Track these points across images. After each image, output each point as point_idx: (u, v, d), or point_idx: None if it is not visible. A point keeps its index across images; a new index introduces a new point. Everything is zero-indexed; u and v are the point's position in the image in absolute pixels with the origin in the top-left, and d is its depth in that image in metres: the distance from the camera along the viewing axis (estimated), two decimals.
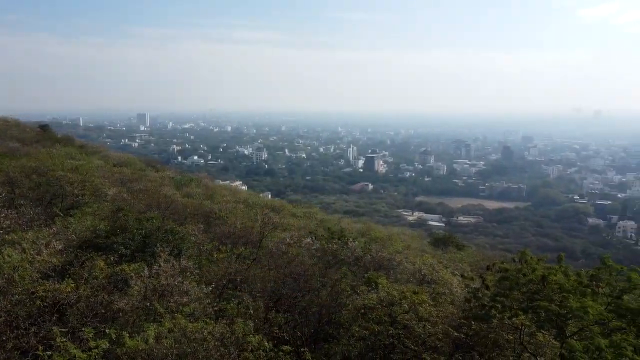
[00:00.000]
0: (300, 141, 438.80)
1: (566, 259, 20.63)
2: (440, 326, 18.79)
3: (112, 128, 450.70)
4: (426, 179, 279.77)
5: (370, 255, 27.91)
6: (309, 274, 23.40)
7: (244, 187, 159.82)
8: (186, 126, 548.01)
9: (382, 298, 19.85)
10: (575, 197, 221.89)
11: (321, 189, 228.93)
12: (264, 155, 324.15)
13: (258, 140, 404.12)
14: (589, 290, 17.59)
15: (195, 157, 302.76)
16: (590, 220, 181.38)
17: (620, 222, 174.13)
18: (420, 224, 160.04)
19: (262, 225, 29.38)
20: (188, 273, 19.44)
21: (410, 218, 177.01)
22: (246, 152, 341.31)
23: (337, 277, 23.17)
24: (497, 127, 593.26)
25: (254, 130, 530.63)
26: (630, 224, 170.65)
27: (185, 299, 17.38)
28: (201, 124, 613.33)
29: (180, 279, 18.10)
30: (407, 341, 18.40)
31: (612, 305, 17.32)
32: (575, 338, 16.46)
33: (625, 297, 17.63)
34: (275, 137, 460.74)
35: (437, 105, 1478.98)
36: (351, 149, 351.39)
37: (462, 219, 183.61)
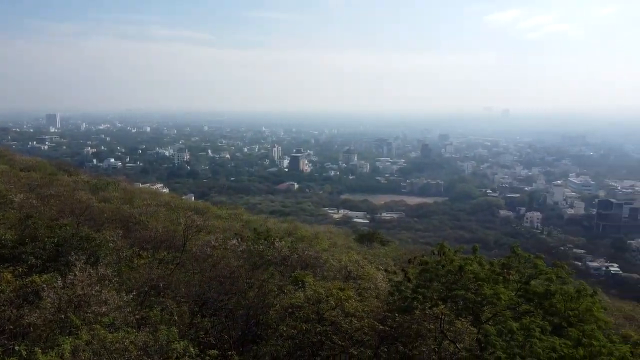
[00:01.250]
0: (224, 141, 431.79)
1: (480, 250, 21.87)
2: (366, 320, 19.28)
3: (17, 130, 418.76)
4: (350, 177, 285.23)
5: (297, 254, 28.05)
6: (235, 276, 23.12)
7: (166, 190, 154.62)
8: (101, 127, 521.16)
9: (309, 296, 20.03)
10: (488, 191, 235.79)
11: (246, 190, 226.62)
12: (186, 156, 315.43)
13: (179, 141, 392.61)
14: (501, 278, 18.84)
15: (112, 160, 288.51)
16: (502, 213, 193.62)
17: (528, 213, 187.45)
18: (345, 221, 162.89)
19: (186, 228, 28.66)
20: (107, 281, 18.58)
21: (336, 216, 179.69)
22: (167, 153, 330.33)
23: (264, 278, 23.08)
24: (416, 126, 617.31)
25: (175, 131, 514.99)
26: (536, 214, 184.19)
27: (104, 309, 16.58)
28: (118, 124, 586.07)
29: (98, 288, 17.25)
30: (334, 337, 18.71)
31: (522, 290, 18.66)
32: (490, 323, 17.51)
33: (532, 282, 19.05)
34: (197, 138, 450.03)
35: (359, 104, 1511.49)
36: (276, 149, 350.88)
37: (386, 215, 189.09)
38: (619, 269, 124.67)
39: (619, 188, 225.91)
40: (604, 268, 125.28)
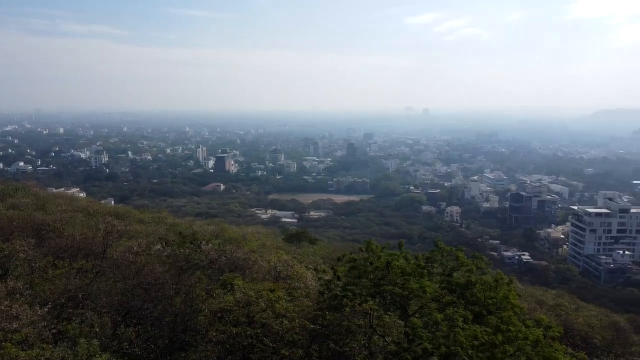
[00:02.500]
0: (145, 142, 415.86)
1: (405, 244, 22.56)
2: (297, 320, 19.29)
3: None
4: (278, 177, 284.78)
5: (225, 256, 27.52)
6: (160, 282, 22.28)
7: (83, 195, 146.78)
8: (8, 128, 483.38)
9: (238, 299, 19.71)
10: (411, 188, 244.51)
11: (170, 192, 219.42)
12: (105, 158, 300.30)
13: (97, 143, 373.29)
14: (426, 271, 19.56)
15: (22, 164, 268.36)
16: (424, 208, 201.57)
17: (448, 208, 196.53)
18: (274, 221, 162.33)
19: (105, 234, 27.21)
20: (17, 295, 17.21)
21: (264, 216, 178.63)
22: (83, 155, 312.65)
23: (191, 283, 22.43)
24: (341, 125, 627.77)
25: (92, 132, 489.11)
26: (456, 209, 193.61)
27: (15, 325, 15.34)
28: (27, 125, 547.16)
29: (7, 302, 15.93)
30: (265, 339, 18.55)
31: (445, 282, 19.47)
32: (416, 316, 18.13)
33: (454, 274, 19.94)
34: (116, 139, 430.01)
35: (284, 104, 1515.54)
36: (200, 149, 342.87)
37: (314, 213, 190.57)
38: (529, 257, 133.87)
39: (528, 182, 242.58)
40: (516, 257, 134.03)
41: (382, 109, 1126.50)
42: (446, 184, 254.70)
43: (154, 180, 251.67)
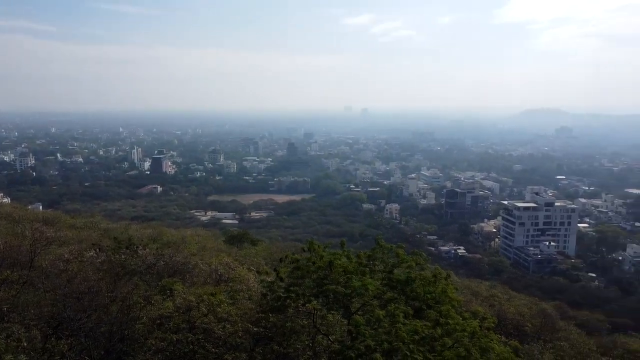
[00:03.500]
0: (76, 144, 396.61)
1: (347, 243, 22.81)
2: (240, 324, 18.99)
3: None
4: (217, 178, 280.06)
5: (163, 261, 26.70)
6: (94, 290, 21.26)
7: (7, 200, 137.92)
8: None
9: (178, 305, 19.16)
10: (351, 187, 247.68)
11: (104, 195, 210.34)
12: (31, 161, 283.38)
13: (22, 145, 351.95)
14: (368, 269, 19.86)
15: None
16: (365, 206, 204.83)
17: (387, 205, 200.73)
18: (214, 223, 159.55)
19: (33, 242, 25.61)
20: None
21: (204, 218, 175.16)
22: (7, 158, 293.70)
23: (127, 290, 21.57)
24: (281, 125, 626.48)
25: (16, 133, 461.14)
26: (395, 206, 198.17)
27: None
28: None
29: None
30: (207, 345, 18.12)
31: (386, 279, 19.84)
32: (359, 313, 18.35)
33: (395, 271, 20.36)
34: (43, 140, 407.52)
35: (223, 104, 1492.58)
36: (136, 151, 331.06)
37: (255, 214, 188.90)
38: (465, 251, 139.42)
39: (462, 179, 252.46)
40: (453, 251, 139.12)
41: (322, 109, 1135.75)
42: (385, 182, 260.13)
43: (86, 184, 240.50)
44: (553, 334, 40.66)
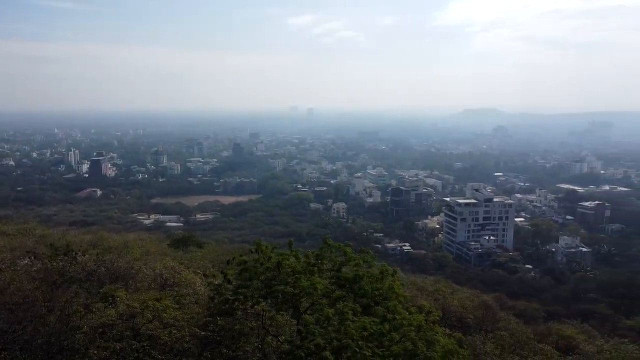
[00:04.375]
0: (6, 146, 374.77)
1: (295, 243, 22.84)
2: (187, 329, 18.59)
3: None
4: (161, 180, 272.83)
5: (104, 267, 25.73)
6: (30, 300, 20.19)
7: None
8: None
9: (121, 312, 18.51)
10: (298, 186, 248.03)
11: (39, 200, 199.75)
12: None
13: None
14: (316, 268, 19.94)
15: None
16: (312, 206, 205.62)
17: (334, 204, 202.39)
18: (158, 226, 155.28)
19: None
20: None
21: (147, 221, 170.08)
22: None
23: (66, 298, 20.60)
24: (226, 125, 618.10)
25: None
26: (342, 205, 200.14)
27: None
28: None
29: None
30: (153, 352, 17.62)
31: (334, 278, 20.02)
32: (308, 313, 18.40)
33: (343, 269, 20.57)
34: None
35: (164, 103, 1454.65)
36: (73, 153, 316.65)
37: (200, 216, 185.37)
38: (410, 247, 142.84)
39: (406, 177, 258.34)
40: (398, 248, 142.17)
41: (268, 109, 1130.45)
42: (332, 182, 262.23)
43: (19, 188, 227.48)
44: (494, 324, 42.37)
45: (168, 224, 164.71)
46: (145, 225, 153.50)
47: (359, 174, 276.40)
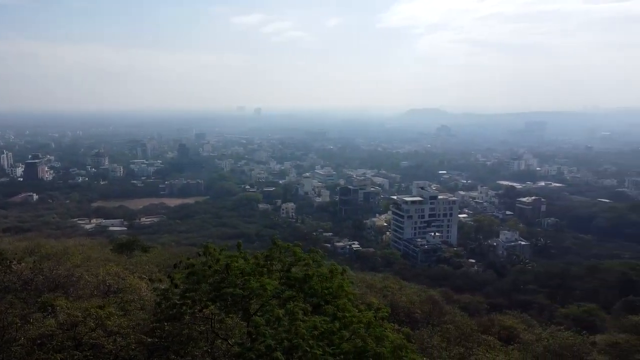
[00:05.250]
0: None
1: (244, 244, 22.61)
2: (133, 336, 18.05)
3: None
4: (102, 183, 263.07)
5: (42, 275, 24.54)
6: None
7: None
8: None
9: (62, 321, 17.72)
10: (246, 187, 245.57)
11: None
12: None
13: None
14: (265, 269, 19.86)
15: None
16: (261, 206, 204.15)
17: (283, 204, 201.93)
18: (100, 231, 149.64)
19: None
20: None
21: (88, 226, 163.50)
22: None
23: (1, 310, 19.48)
24: (172, 126, 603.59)
25: None
26: (291, 205, 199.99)
27: None
28: None
29: None
30: None
31: (284, 278, 20.00)
32: (258, 314, 18.28)
33: (293, 269, 20.58)
34: None
35: (104, 103, 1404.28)
36: (5, 155, 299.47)
37: (145, 219, 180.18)
38: (359, 246, 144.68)
39: (354, 176, 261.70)
40: (348, 247, 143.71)
41: (214, 109, 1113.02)
42: (281, 182, 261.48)
43: None
44: (440, 318, 43.70)
45: (111, 228, 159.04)
46: (86, 230, 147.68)
47: (307, 174, 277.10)
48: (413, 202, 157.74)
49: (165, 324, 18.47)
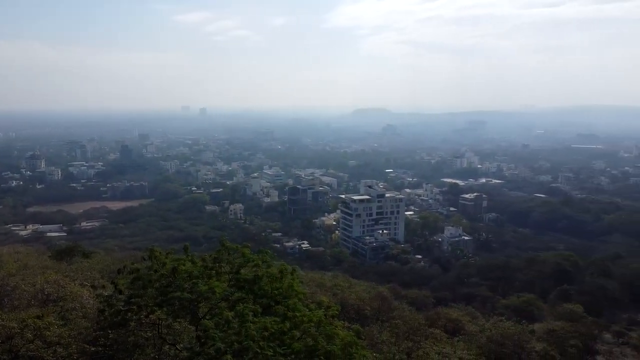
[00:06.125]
0: None
1: (192, 247, 22.23)
2: (75, 345, 17.32)
3: None
4: (39, 187, 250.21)
5: None
6: None
7: None
8: None
9: None
10: (193, 189, 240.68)
11: None
12: None
13: None
14: (214, 272, 19.57)
15: None
16: (208, 208, 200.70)
17: (231, 206, 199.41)
18: (37, 237, 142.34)
19: None
20: None
21: (24, 233, 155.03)
22: None
23: None
24: (113, 127, 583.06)
25: None
26: (239, 206, 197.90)
27: None
28: None
29: None
30: None
31: (233, 280, 19.78)
32: (207, 317, 17.98)
33: (242, 271, 20.39)
34: None
35: (39, 104, 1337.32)
36: None
37: (86, 224, 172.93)
38: (308, 245, 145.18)
39: (302, 176, 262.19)
40: (297, 246, 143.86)
41: (158, 109, 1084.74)
42: (228, 183, 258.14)
43: None
44: (389, 314, 44.57)
45: (49, 234, 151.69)
46: (21, 237, 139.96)
47: (255, 174, 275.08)
48: (361, 200, 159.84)
49: (110, 331, 17.84)
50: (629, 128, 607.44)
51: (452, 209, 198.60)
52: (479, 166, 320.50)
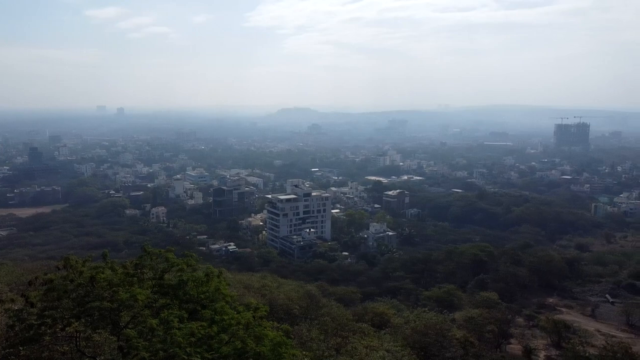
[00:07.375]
0: None
1: (112, 253, 21.15)
2: None
3: None
4: None
5: None
6: None
7: None
8: None
9: None
10: (111, 192, 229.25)
11: None
12: None
13: None
14: (136, 278, 18.77)
15: None
16: (128, 212, 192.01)
17: (153, 209, 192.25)
18: None
19: None
20: None
21: None
22: None
23: None
24: (19, 128, 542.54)
25: None
26: (162, 209, 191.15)
27: None
28: None
29: None
30: None
31: (157, 286, 19.10)
32: (130, 326, 17.22)
33: (166, 276, 19.74)
34: None
35: None
36: None
37: None
38: (235, 247, 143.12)
39: (228, 176, 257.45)
40: (224, 248, 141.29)
41: (71, 109, 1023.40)
42: (149, 185, 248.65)
43: None
44: (318, 311, 45.02)
45: None
46: None
47: (178, 176, 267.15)
48: (288, 200, 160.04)
49: (21, 347, 16.56)
50: (536, 126, 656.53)
51: (376, 205, 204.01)
52: (401, 164, 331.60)
